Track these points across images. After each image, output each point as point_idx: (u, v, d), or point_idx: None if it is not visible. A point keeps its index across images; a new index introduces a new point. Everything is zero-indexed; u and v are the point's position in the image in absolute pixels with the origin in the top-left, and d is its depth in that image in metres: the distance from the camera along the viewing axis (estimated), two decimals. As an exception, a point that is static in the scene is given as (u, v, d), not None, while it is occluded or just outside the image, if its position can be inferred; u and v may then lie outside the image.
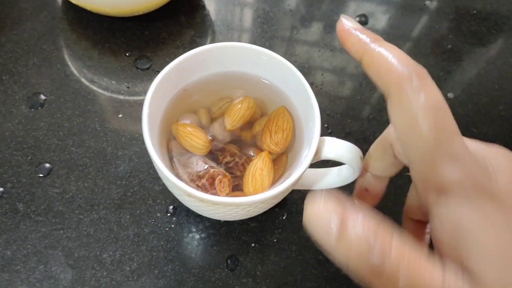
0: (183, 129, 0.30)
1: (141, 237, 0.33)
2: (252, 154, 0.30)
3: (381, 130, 0.25)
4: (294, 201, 0.36)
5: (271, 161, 0.29)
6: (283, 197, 0.30)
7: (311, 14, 0.48)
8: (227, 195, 0.28)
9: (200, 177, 0.28)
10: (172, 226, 0.34)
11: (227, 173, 0.29)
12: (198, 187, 0.28)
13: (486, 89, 0.45)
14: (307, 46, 0.46)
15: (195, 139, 0.29)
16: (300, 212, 0.35)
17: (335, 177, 0.30)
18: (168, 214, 0.34)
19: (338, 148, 0.26)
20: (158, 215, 0.34)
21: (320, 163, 0.29)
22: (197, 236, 0.34)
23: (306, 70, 0.44)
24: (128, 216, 0.34)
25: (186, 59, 0.29)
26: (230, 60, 0.31)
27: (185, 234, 0.34)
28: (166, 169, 0.24)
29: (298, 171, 0.25)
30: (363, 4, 0.51)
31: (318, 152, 0.26)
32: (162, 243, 0.33)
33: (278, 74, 0.31)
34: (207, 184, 0.28)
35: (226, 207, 0.26)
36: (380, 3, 0.51)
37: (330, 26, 0.48)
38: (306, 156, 0.26)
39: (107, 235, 0.33)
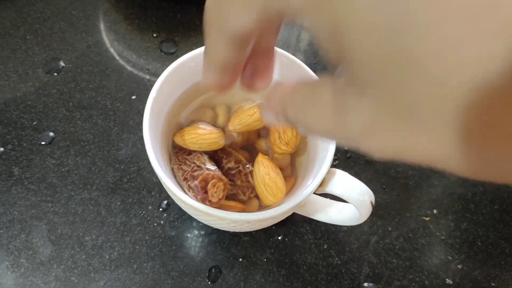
0: (189, 137, 0.28)
1: (128, 227, 0.32)
2: (248, 167, 0.28)
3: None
4: (294, 223, 0.33)
5: (270, 160, 0.27)
6: (282, 218, 0.28)
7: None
8: (219, 200, 0.26)
9: (193, 178, 0.26)
10: (161, 222, 0.32)
11: (223, 177, 0.27)
12: (190, 188, 0.26)
13: None
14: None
15: (208, 136, 0.27)
16: (297, 235, 0.33)
17: (335, 213, 0.27)
18: (160, 209, 0.33)
19: (347, 186, 0.23)
20: (150, 207, 0.33)
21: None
22: (185, 238, 0.32)
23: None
24: (119, 203, 0.33)
25: None
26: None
27: (173, 233, 0.32)
28: (161, 171, 0.23)
29: (299, 198, 0.23)
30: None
31: (323, 183, 0.24)
32: (147, 237, 0.32)
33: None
34: (199, 186, 0.26)
35: (220, 220, 0.24)
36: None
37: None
38: (309, 186, 0.23)
39: (94, 218, 0.32)
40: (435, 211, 0.35)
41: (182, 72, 0.27)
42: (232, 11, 0.15)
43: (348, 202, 0.25)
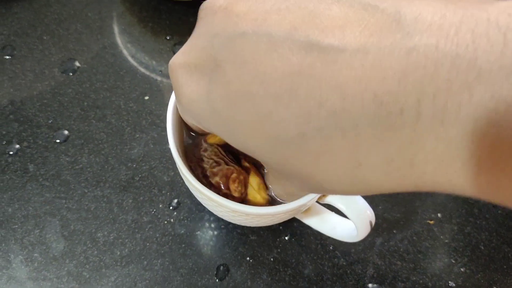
0: None
1: (139, 224, 0.33)
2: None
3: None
4: (301, 223, 0.34)
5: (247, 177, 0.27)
6: (282, 219, 0.28)
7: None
8: (241, 194, 0.26)
9: (214, 174, 0.26)
10: (172, 220, 0.33)
11: (243, 171, 0.27)
12: (211, 186, 0.26)
13: None
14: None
15: None
16: (304, 236, 0.34)
17: (334, 226, 0.28)
18: (171, 208, 0.34)
19: (348, 201, 0.24)
20: (160, 206, 0.34)
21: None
22: (194, 237, 0.33)
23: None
24: (130, 201, 0.34)
25: None
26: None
27: (183, 231, 0.33)
28: (188, 172, 0.23)
29: (300, 201, 0.23)
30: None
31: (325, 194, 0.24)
32: (157, 235, 0.33)
33: None
34: (221, 182, 0.26)
35: (233, 212, 0.24)
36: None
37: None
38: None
39: (106, 215, 0.33)
40: (439, 214, 0.35)
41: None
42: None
43: (348, 218, 0.25)
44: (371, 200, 0.35)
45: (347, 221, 0.27)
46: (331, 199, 0.24)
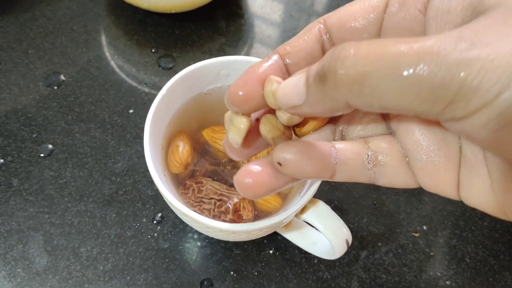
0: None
1: (122, 239, 0.33)
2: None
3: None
4: (284, 237, 0.34)
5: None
6: (261, 235, 0.28)
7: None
8: (255, 212, 0.27)
9: (225, 213, 0.27)
10: (155, 235, 0.33)
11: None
12: (224, 221, 0.26)
13: None
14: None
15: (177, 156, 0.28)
16: (288, 249, 0.33)
17: (313, 243, 0.28)
18: (154, 222, 0.34)
19: (325, 220, 0.24)
20: (144, 220, 0.34)
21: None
22: (177, 251, 0.33)
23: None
24: (114, 215, 0.33)
25: (209, 65, 0.28)
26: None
27: (166, 246, 0.33)
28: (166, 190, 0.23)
29: (279, 217, 0.23)
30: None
31: (304, 210, 0.24)
32: (140, 249, 0.33)
33: None
34: (235, 218, 0.27)
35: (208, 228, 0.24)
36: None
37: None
38: (289, 209, 0.24)
39: (89, 230, 0.33)
40: (424, 227, 0.35)
41: (182, 85, 0.28)
42: None
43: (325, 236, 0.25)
44: (356, 212, 0.35)
45: (325, 239, 0.27)
46: (307, 217, 0.24)
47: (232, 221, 0.26)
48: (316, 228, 0.26)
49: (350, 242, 0.25)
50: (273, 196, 0.28)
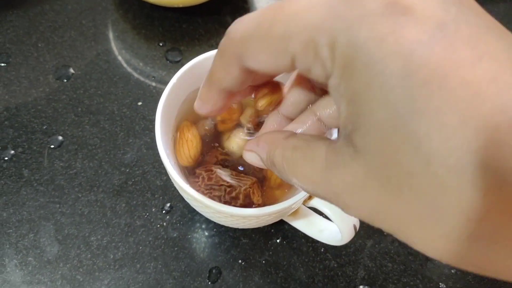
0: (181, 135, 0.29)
1: (132, 228, 0.33)
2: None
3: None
4: (292, 226, 0.34)
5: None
6: (269, 222, 0.29)
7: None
8: (262, 197, 0.27)
9: (235, 199, 0.27)
10: (164, 224, 0.34)
11: (253, 178, 0.28)
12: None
13: None
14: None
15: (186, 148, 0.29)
16: (295, 238, 0.34)
17: (320, 230, 0.28)
18: (163, 211, 0.34)
19: (330, 204, 0.24)
20: (153, 210, 0.34)
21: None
22: (186, 240, 0.33)
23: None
24: (123, 205, 0.34)
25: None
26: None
27: (175, 235, 0.33)
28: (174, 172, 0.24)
29: (286, 203, 0.24)
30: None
31: (311, 196, 0.25)
32: (150, 238, 0.33)
33: None
34: (246, 204, 0.27)
35: (218, 213, 0.25)
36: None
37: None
38: (297, 195, 0.24)
39: (100, 219, 0.33)
40: (429, 217, 0.36)
41: (191, 75, 0.28)
42: (259, 54, 0.16)
43: (332, 221, 0.26)
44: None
45: (333, 225, 0.27)
46: (316, 203, 0.25)
47: (243, 206, 0.27)
48: (324, 215, 0.26)
49: (357, 228, 0.26)
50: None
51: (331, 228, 0.29)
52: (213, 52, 0.29)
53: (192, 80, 0.28)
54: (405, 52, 0.12)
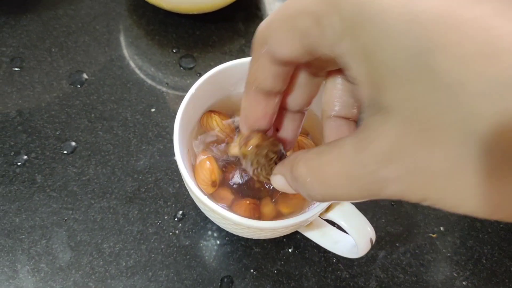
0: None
1: (144, 235, 0.33)
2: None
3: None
4: (304, 236, 0.34)
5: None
6: (284, 233, 0.29)
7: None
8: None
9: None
10: (176, 232, 0.34)
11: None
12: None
13: None
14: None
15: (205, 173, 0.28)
16: (307, 248, 0.34)
17: (336, 242, 0.28)
18: (176, 219, 0.34)
19: (350, 218, 0.25)
20: (166, 217, 0.34)
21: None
22: (198, 248, 0.33)
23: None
24: (136, 212, 0.34)
25: (236, 65, 0.28)
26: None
27: (187, 243, 0.33)
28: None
29: (302, 216, 0.24)
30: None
31: (329, 209, 0.25)
32: (162, 246, 0.33)
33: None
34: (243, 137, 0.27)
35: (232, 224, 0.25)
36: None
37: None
38: (315, 208, 0.24)
39: (112, 226, 0.33)
40: (441, 228, 0.36)
41: (210, 86, 0.28)
42: (278, 36, 0.17)
43: (349, 234, 0.26)
44: (374, 213, 0.35)
45: (348, 237, 0.27)
46: (332, 215, 0.25)
47: (257, 219, 0.27)
48: (340, 227, 0.26)
49: (374, 241, 0.26)
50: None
51: (346, 240, 0.29)
52: (230, 62, 0.29)
53: (212, 91, 0.29)
54: None
